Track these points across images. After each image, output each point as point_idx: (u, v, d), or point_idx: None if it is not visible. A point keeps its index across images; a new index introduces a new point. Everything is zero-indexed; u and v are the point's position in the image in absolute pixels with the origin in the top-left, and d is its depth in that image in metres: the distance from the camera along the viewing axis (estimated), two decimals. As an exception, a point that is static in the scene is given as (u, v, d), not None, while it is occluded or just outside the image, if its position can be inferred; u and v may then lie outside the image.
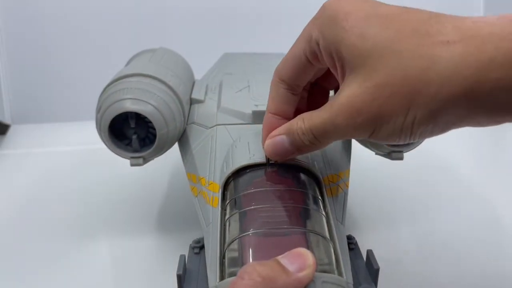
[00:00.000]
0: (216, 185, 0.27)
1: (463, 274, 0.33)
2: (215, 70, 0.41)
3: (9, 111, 0.66)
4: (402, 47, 0.19)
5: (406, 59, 0.19)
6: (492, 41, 0.17)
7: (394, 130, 0.20)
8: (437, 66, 0.18)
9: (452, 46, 0.18)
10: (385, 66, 0.19)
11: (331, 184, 0.28)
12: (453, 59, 0.18)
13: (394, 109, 0.19)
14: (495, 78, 0.17)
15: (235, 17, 0.68)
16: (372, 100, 0.19)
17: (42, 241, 0.37)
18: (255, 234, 0.23)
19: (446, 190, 0.44)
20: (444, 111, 0.19)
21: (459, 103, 0.18)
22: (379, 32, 0.19)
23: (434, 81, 0.18)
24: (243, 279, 0.18)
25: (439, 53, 0.18)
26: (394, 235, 0.38)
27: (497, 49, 0.17)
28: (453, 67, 0.18)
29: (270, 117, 0.25)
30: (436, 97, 0.18)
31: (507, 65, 0.17)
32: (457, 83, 0.18)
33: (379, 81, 0.19)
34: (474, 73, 0.17)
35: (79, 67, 0.67)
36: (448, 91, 0.18)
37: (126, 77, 0.30)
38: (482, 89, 0.17)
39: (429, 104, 0.19)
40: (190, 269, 0.25)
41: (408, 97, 0.19)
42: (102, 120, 0.29)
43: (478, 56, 0.17)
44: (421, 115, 0.19)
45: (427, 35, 0.18)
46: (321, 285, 0.20)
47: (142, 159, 0.30)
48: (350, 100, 0.20)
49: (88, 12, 0.66)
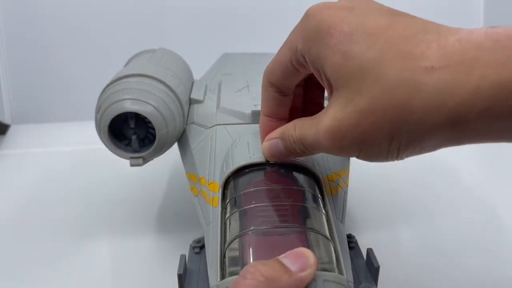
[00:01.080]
0: (216, 185, 0.26)
1: (463, 273, 0.33)
2: (214, 70, 0.41)
3: (9, 111, 0.66)
4: (386, 71, 0.18)
5: (390, 85, 0.18)
6: (477, 68, 0.16)
7: (380, 153, 0.19)
8: (421, 94, 0.17)
9: (436, 72, 0.17)
10: (368, 90, 0.18)
11: (331, 183, 0.27)
12: (438, 87, 0.17)
13: (378, 135, 0.19)
14: (480, 108, 0.16)
15: (233, 17, 0.68)
16: (355, 125, 0.19)
17: (42, 241, 0.37)
18: (255, 233, 0.23)
19: (445, 190, 0.44)
20: (429, 137, 0.18)
21: (444, 131, 0.18)
22: (363, 51, 0.18)
23: (418, 109, 0.17)
24: (246, 279, 0.18)
25: (423, 80, 0.17)
26: (394, 234, 0.37)
27: (482, 77, 0.16)
28: (438, 96, 0.17)
29: (265, 119, 0.25)
30: (421, 125, 0.18)
31: (493, 94, 0.16)
32: (442, 112, 0.17)
33: (362, 106, 0.19)
34: (459, 103, 0.17)
35: (79, 67, 0.67)
36: (433, 120, 0.17)
37: (126, 78, 0.30)
38: (467, 119, 0.17)
39: (414, 131, 0.18)
40: (190, 268, 0.25)
41: (392, 124, 0.18)
42: (101, 121, 0.28)
43: (463, 84, 0.16)
44: (406, 141, 0.19)
45: (412, 58, 0.17)
46: (322, 283, 0.20)
47: (142, 159, 0.30)
48: (334, 124, 0.20)
49: (88, 12, 0.66)
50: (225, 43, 0.65)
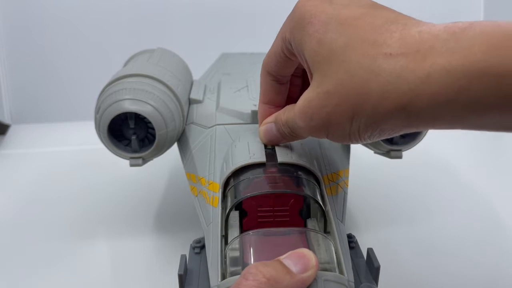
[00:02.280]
0: (216, 185, 0.26)
1: (463, 271, 0.33)
2: (213, 71, 0.41)
3: (9, 111, 0.66)
4: (350, 56, 0.19)
5: (352, 68, 0.19)
6: (430, 57, 0.17)
7: (343, 134, 0.20)
8: (378, 78, 0.18)
9: (394, 59, 0.18)
10: (335, 74, 0.19)
11: (331, 183, 0.27)
12: (393, 73, 0.18)
13: (340, 116, 0.20)
14: (430, 93, 0.17)
15: (232, 17, 0.67)
16: (322, 106, 0.20)
17: (42, 241, 0.37)
18: (256, 233, 0.22)
19: (444, 188, 0.44)
20: (386, 120, 0.19)
21: (399, 115, 0.18)
22: (334, 38, 0.20)
23: (375, 93, 0.18)
24: (247, 280, 0.18)
25: (381, 65, 0.18)
26: (394, 234, 0.37)
27: (433, 65, 0.17)
28: (393, 81, 0.18)
29: (264, 106, 0.26)
30: (377, 108, 0.18)
31: (441, 81, 0.16)
32: (396, 96, 0.18)
33: (328, 88, 0.20)
34: (411, 88, 0.17)
35: (78, 67, 0.67)
36: (388, 104, 0.18)
37: (125, 78, 0.29)
38: (419, 104, 0.17)
39: (371, 114, 0.19)
40: (191, 269, 0.25)
41: (352, 106, 0.19)
42: (101, 121, 0.28)
43: (416, 71, 0.17)
44: (365, 123, 0.19)
45: (374, 44, 0.18)
46: (323, 283, 0.20)
47: (141, 159, 0.29)
48: (304, 104, 0.21)
49: (87, 12, 0.65)
50: (224, 43, 0.65)
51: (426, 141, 0.31)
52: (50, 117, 0.66)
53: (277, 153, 0.25)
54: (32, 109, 0.67)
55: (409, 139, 0.31)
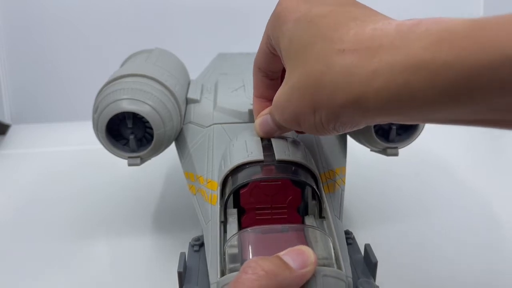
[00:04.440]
0: (215, 183, 0.26)
1: (459, 267, 0.33)
2: (210, 70, 0.41)
3: (9, 111, 0.65)
4: (311, 53, 0.20)
5: (311, 64, 0.19)
6: (378, 54, 0.17)
7: (311, 126, 0.21)
8: (331, 73, 0.19)
9: (346, 55, 0.18)
10: (298, 69, 0.20)
11: (328, 181, 0.27)
12: (344, 68, 0.18)
13: (303, 110, 0.20)
14: (376, 88, 0.17)
15: (228, 17, 0.67)
16: (288, 100, 0.21)
17: (41, 241, 0.36)
18: (254, 231, 0.22)
19: (440, 186, 0.44)
20: (343, 113, 0.19)
21: (353, 108, 0.19)
22: (301, 36, 0.20)
23: (328, 87, 0.19)
24: (247, 273, 0.18)
25: (334, 61, 0.19)
26: (390, 231, 0.37)
27: (380, 61, 0.17)
28: (343, 75, 0.18)
29: (256, 100, 0.27)
30: (332, 102, 0.19)
31: (386, 77, 0.17)
32: (348, 91, 0.18)
33: (293, 83, 0.21)
34: (361, 83, 0.18)
35: (78, 67, 0.66)
36: (340, 98, 0.18)
37: (123, 78, 0.29)
38: (368, 98, 0.18)
39: (328, 107, 0.19)
40: (190, 266, 0.25)
41: (312, 100, 0.20)
42: (99, 121, 0.28)
43: (365, 67, 0.17)
44: (325, 115, 0.20)
45: (331, 41, 0.19)
46: (322, 278, 0.20)
47: (140, 159, 0.29)
48: (276, 98, 0.22)
49: (87, 12, 0.65)
50: (220, 43, 0.65)
51: (422, 139, 0.31)
52: (50, 117, 0.65)
53: (274, 151, 0.25)
54: (32, 109, 0.66)
55: (405, 136, 0.31)
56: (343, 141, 0.31)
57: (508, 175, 0.46)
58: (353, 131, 0.31)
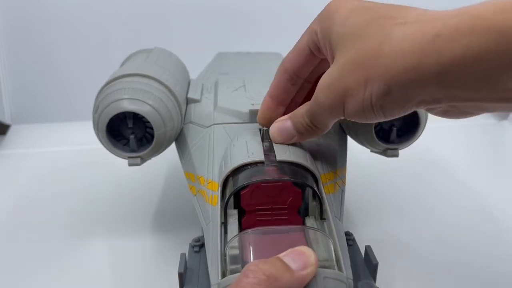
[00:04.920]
0: (215, 184, 0.26)
1: (460, 267, 0.33)
2: (209, 70, 0.41)
3: (9, 111, 0.65)
4: (369, 29, 0.20)
5: (368, 38, 0.20)
6: (442, 19, 0.18)
7: (357, 104, 0.20)
8: (391, 41, 0.19)
9: (407, 25, 0.19)
10: (353, 46, 0.20)
11: (329, 182, 0.27)
12: (405, 35, 0.18)
13: (355, 82, 0.20)
14: (438, 49, 0.17)
15: (228, 16, 0.67)
16: (339, 76, 0.21)
17: (41, 241, 0.36)
18: (255, 232, 0.22)
19: (441, 186, 0.44)
20: (397, 85, 0.19)
21: (409, 77, 0.18)
22: (356, 20, 0.21)
23: (386, 55, 0.19)
24: (248, 277, 0.18)
25: (394, 31, 0.19)
26: (390, 232, 0.37)
27: (444, 25, 0.17)
28: (404, 42, 0.18)
29: (268, 99, 0.27)
30: (388, 71, 0.19)
31: (450, 38, 0.17)
32: (406, 58, 0.18)
33: (346, 59, 0.21)
34: (421, 47, 0.18)
35: (78, 67, 0.66)
36: (398, 65, 0.18)
37: (123, 77, 0.29)
38: (428, 62, 0.17)
39: (382, 78, 0.19)
40: (190, 267, 0.25)
41: (366, 70, 0.20)
42: (99, 120, 0.28)
43: (427, 32, 0.18)
44: (377, 88, 0.19)
45: (390, 18, 0.20)
46: (323, 280, 0.20)
47: (140, 159, 0.29)
48: (326, 78, 0.22)
49: (87, 12, 0.64)
50: (220, 43, 0.64)
51: (423, 139, 0.31)
52: (50, 117, 0.65)
53: (275, 151, 0.25)
54: (32, 109, 0.66)
55: (406, 137, 0.31)
56: (344, 142, 0.31)
57: (508, 175, 0.46)
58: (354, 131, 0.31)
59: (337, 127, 0.32)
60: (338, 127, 0.32)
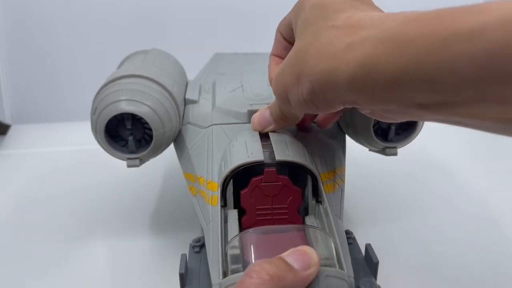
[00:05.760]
0: (215, 184, 0.25)
1: (459, 266, 0.33)
2: (207, 71, 0.40)
3: (9, 111, 0.64)
4: (309, 29, 0.21)
5: (306, 37, 0.21)
6: (358, 30, 0.18)
7: (295, 98, 0.22)
8: (318, 43, 0.20)
9: (334, 29, 0.20)
10: (297, 43, 0.22)
11: (328, 181, 0.27)
12: (328, 39, 0.19)
13: (291, 80, 0.21)
14: (347, 59, 0.18)
15: (225, 17, 0.66)
16: (282, 71, 0.22)
17: (41, 241, 0.36)
18: (255, 231, 0.22)
19: (439, 185, 0.44)
20: (317, 84, 0.20)
21: (325, 79, 0.19)
22: (308, 18, 0.22)
23: (312, 56, 0.20)
24: (251, 278, 0.18)
25: (323, 33, 0.20)
26: (389, 230, 0.37)
27: (356, 36, 0.18)
28: (326, 46, 0.19)
29: (272, 57, 0.28)
30: (312, 70, 0.20)
31: (358, 49, 0.18)
32: (324, 60, 0.19)
33: (290, 55, 0.22)
34: (335, 53, 0.19)
35: (78, 67, 0.66)
36: (319, 66, 0.19)
37: (121, 79, 0.28)
38: (339, 69, 0.18)
39: (308, 76, 0.20)
40: (191, 268, 0.24)
41: (298, 68, 0.21)
42: (98, 122, 0.27)
43: (343, 40, 0.19)
44: (305, 85, 0.20)
45: (327, 19, 0.20)
46: (324, 279, 0.20)
47: (139, 160, 0.28)
48: (277, 70, 0.23)
49: (87, 13, 0.64)
50: (217, 43, 0.64)
51: (421, 139, 0.31)
52: (50, 117, 0.65)
53: (275, 151, 0.25)
54: (32, 109, 0.66)
55: (404, 136, 0.30)
56: (342, 140, 0.31)
57: (506, 175, 0.46)
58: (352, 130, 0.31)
59: (335, 126, 0.32)
60: (336, 125, 0.32)
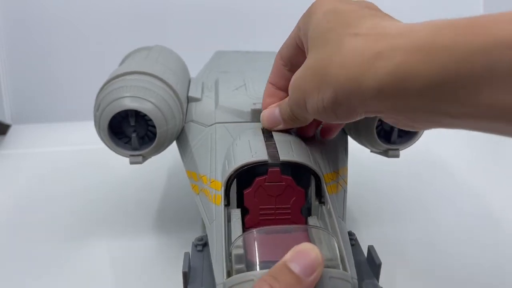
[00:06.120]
0: (218, 183, 0.25)
1: (462, 267, 0.33)
2: (208, 68, 0.40)
3: (9, 111, 0.64)
4: (328, 37, 0.21)
5: (326, 46, 0.21)
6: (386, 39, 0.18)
7: (314, 106, 0.21)
8: (341, 52, 0.20)
9: (358, 37, 0.19)
10: (316, 51, 0.22)
11: (331, 182, 0.26)
12: (353, 48, 0.19)
13: (311, 87, 0.21)
14: (376, 67, 0.18)
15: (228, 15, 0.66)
16: (302, 77, 0.22)
17: (42, 241, 0.35)
18: (259, 231, 0.22)
19: (441, 186, 0.43)
20: (342, 93, 0.19)
21: (352, 88, 0.19)
22: (323, 25, 0.22)
23: (335, 65, 0.20)
24: None
25: (346, 42, 0.20)
26: (392, 232, 0.36)
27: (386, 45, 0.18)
28: (351, 55, 0.19)
29: (269, 85, 0.28)
30: (335, 80, 0.20)
31: (388, 57, 0.18)
32: (350, 69, 0.19)
33: (309, 63, 0.22)
34: (363, 62, 0.18)
35: (78, 67, 0.65)
36: (343, 76, 0.19)
37: (125, 75, 0.28)
38: (367, 77, 0.18)
39: (331, 85, 0.20)
40: (194, 266, 0.24)
41: (320, 77, 0.20)
42: (101, 118, 0.27)
43: (371, 48, 0.18)
44: (327, 95, 0.20)
45: (347, 27, 0.20)
46: (329, 280, 0.19)
47: (141, 157, 0.28)
48: (295, 76, 0.23)
49: (87, 12, 0.64)
50: (219, 41, 0.64)
51: (424, 140, 0.31)
52: (50, 117, 0.64)
53: (279, 152, 0.25)
54: (32, 109, 0.65)
55: (407, 138, 0.30)
56: (345, 141, 0.31)
57: (508, 175, 0.46)
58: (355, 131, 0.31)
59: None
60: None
